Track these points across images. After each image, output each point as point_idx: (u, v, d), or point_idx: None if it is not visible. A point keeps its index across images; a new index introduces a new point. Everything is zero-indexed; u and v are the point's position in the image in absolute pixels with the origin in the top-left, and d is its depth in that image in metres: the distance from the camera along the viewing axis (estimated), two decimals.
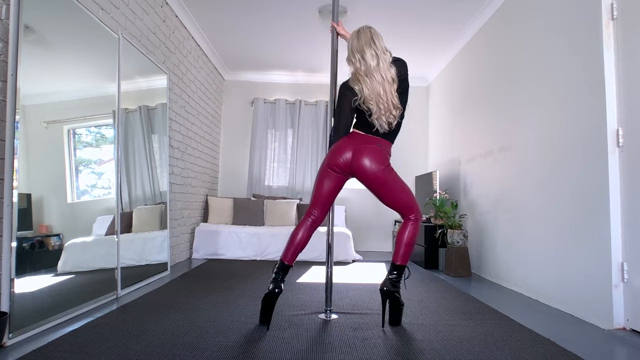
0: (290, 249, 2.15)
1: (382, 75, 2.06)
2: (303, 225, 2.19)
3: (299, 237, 2.17)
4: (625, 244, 2.17)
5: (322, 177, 2.17)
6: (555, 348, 1.83)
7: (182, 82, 4.18)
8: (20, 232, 1.87)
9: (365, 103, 2.08)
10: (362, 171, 2.10)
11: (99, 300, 2.45)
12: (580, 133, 2.45)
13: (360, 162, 2.09)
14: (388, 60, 2.10)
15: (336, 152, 2.14)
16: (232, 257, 4.53)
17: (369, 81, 2.06)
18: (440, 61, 5.15)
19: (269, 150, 5.80)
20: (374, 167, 2.09)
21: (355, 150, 2.10)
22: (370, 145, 2.11)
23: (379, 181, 2.11)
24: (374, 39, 2.11)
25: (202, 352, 1.70)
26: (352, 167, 2.11)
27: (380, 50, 2.09)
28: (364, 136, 2.14)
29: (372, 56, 2.07)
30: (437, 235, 4.08)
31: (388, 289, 2.11)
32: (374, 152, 2.11)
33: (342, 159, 2.11)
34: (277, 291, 2.05)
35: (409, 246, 2.16)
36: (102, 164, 2.64)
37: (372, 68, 2.06)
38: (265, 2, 3.85)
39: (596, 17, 2.33)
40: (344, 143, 2.15)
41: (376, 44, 2.10)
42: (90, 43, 2.48)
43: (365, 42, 2.10)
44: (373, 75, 2.06)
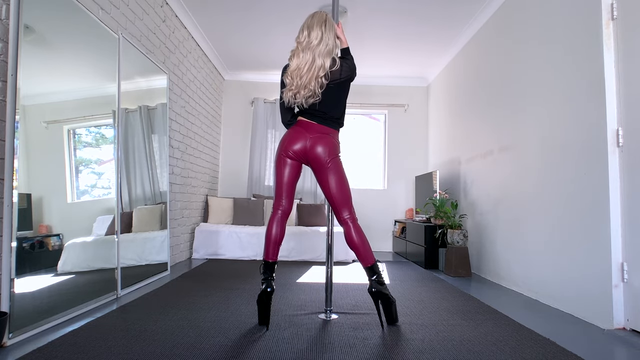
0: (269, 246, 2.16)
1: (315, 56, 2.09)
2: (275, 220, 2.20)
3: (274, 232, 2.18)
4: (625, 244, 2.17)
5: (280, 166, 2.21)
6: (555, 348, 1.83)
7: (182, 82, 4.18)
8: (20, 232, 1.87)
9: (286, 77, 2.15)
10: (317, 159, 2.16)
11: (99, 300, 2.45)
12: (580, 133, 2.45)
13: (315, 150, 2.15)
14: (329, 50, 2.13)
15: (291, 140, 2.18)
16: (232, 257, 4.53)
17: (301, 55, 2.11)
18: (440, 61, 5.15)
19: (269, 150, 5.80)
20: (326, 155, 2.15)
21: (312, 139, 2.16)
22: (324, 135, 2.17)
23: (328, 169, 2.16)
24: (326, 23, 2.16)
25: (202, 352, 1.70)
26: (308, 155, 2.17)
27: (326, 36, 2.12)
28: (317, 126, 2.18)
29: (316, 36, 2.11)
30: (437, 235, 4.08)
31: (377, 289, 2.11)
32: (328, 142, 2.17)
33: (297, 146, 2.17)
34: (269, 290, 2.06)
35: (365, 244, 2.16)
36: (102, 164, 2.64)
37: (310, 45, 2.11)
38: (266, 2, 3.85)
39: (596, 17, 2.33)
40: (298, 132, 2.19)
41: (325, 28, 2.14)
42: (90, 43, 2.48)
43: (317, 22, 2.15)
44: (307, 52, 2.10)
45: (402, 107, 5.97)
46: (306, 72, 2.09)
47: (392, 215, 5.82)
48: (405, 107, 5.96)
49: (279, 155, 2.21)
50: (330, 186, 2.18)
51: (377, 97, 5.92)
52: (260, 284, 2.12)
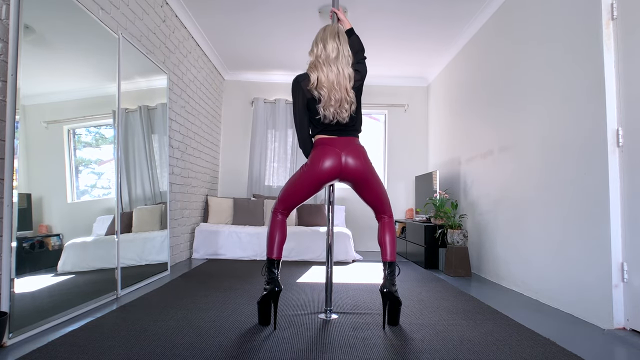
0: (274, 245, 2.15)
1: (339, 68, 2.08)
2: (277, 223, 2.18)
3: (279, 232, 2.17)
4: (625, 244, 2.17)
5: (306, 183, 2.15)
6: (555, 348, 1.83)
7: (182, 82, 4.18)
8: (20, 232, 1.87)
9: (318, 89, 2.09)
10: (354, 173, 2.12)
11: (99, 300, 2.45)
12: (580, 133, 2.45)
13: (352, 165, 2.11)
14: (348, 60, 2.12)
15: (325, 162, 2.11)
16: (232, 257, 4.53)
17: (325, 69, 2.08)
18: (440, 61, 5.15)
19: (269, 150, 5.80)
20: (365, 167, 2.13)
21: (346, 155, 2.11)
22: (354, 147, 2.14)
23: (369, 179, 2.16)
24: (339, 35, 2.15)
25: (202, 352, 1.70)
26: (343, 172, 2.12)
27: (342, 47, 2.12)
28: (343, 139, 2.14)
29: (333, 48, 2.10)
30: (437, 235, 4.08)
31: (388, 289, 2.10)
32: (360, 153, 2.15)
33: (333, 165, 2.10)
34: (277, 290, 2.05)
35: (394, 242, 2.22)
36: (102, 164, 2.64)
37: (331, 59, 2.09)
38: (266, 2, 3.85)
39: (596, 17, 2.33)
40: (329, 152, 2.11)
41: (339, 40, 2.13)
42: (90, 43, 2.48)
43: (330, 34, 2.14)
44: (330, 65, 2.09)
45: (402, 107, 5.97)
46: (337, 84, 2.07)
47: None
48: (405, 107, 5.96)
49: (310, 171, 2.12)
50: (374, 195, 2.20)
51: (377, 97, 5.92)
52: (265, 284, 2.09)
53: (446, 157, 4.97)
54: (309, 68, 2.15)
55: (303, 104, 2.16)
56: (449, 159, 4.84)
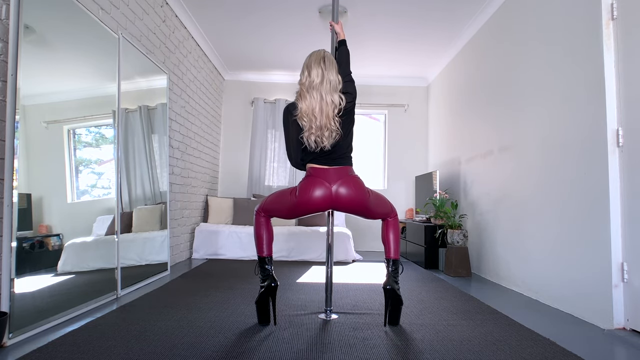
0: (262, 243, 2.16)
1: (322, 94, 2.05)
2: (261, 222, 2.18)
3: (266, 231, 2.17)
4: (625, 244, 2.17)
5: (293, 210, 2.12)
6: (555, 348, 1.83)
7: (182, 82, 4.18)
8: (20, 232, 1.87)
9: (300, 119, 2.08)
10: (347, 203, 2.10)
11: (99, 300, 2.45)
12: (580, 133, 2.45)
13: (343, 196, 2.08)
14: (334, 86, 2.08)
15: (311, 193, 2.07)
16: (232, 257, 4.53)
17: (308, 97, 2.06)
18: (440, 61, 5.15)
19: (269, 150, 5.80)
20: (360, 198, 2.10)
21: (338, 186, 2.07)
22: (346, 177, 2.10)
23: (364, 207, 2.14)
24: (325, 60, 2.11)
25: (202, 352, 1.70)
26: (335, 202, 2.09)
27: (327, 72, 2.08)
28: (334, 170, 2.10)
29: (317, 74, 2.07)
30: (437, 235, 4.08)
31: (392, 287, 2.11)
32: (355, 184, 2.10)
33: (323, 198, 2.07)
34: (273, 285, 2.07)
35: (398, 239, 2.23)
36: (102, 164, 2.64)
37: (313, 85, 2.06)
38: (266, 2, 3.85)
39: (596, 17, 2.33)
40: (317, 184, 2.08)
41: (325, 65, 2.09)
42: (90, 43, 2.48)
43: (315, 60, 2.11)
44: (312, 92, 2.06)
45: (402, 107, 5.97)
46: (319, 112, 2.04)
47: None
48: (405, 107, 5.96)
49: (300, 202, 2.09)
50: (375, 214, 2.20)
51: (377, 97, 5.92)
52: (261, 282, 2.10)
53: (446, 157, 4.97)
54: (296, 97, 2.14)
55: (295, 132, 2.14)
56: (449, 159, 4.84)
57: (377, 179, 6.05)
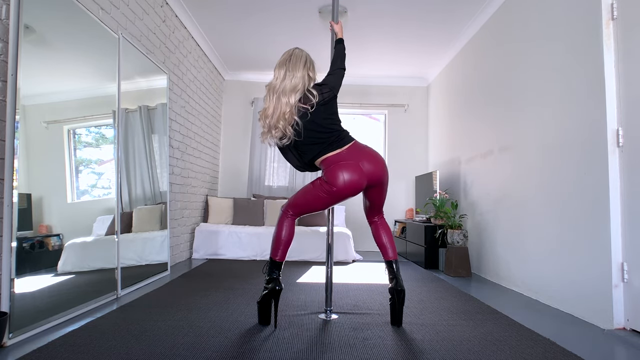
0: (279, 246, 2.12)
1: (279, 94, 2.10)
2: (285, 221, 2.15)
3: (285, 233, 2.14)
4: (625, 244, 2.17)
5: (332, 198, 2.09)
6: (555, 348, 1.83)
7: (182, 82, 4.18)
8: (20, 232, 1.87)
9: (259, 119, 2.20)
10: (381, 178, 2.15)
11: (99, 300, 2.45)
12: (580, 133, 2.45)
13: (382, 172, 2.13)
14: (295, 85, 2.10)
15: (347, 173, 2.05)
16: (232, 257, 4.53)
17: (267, 98, 2.16)
18: (440, 61, 5.15)
19: (269, 150, 5.80)
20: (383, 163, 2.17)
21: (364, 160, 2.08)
22: (364, 148, 2.15)
23: (386, 177, 2.19)
24: (291, 59, 2.16)
25: (202, 352, 1.70)
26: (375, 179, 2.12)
27: (290, 73, 2.11)
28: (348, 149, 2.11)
29: (276, 77, 2.15)
30: (437, 235, 4.08)
31: (402, 288, 2.13)
32: (375, 153, 2.17)
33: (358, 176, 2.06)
34: (277, 288, 2.05)
35: (393, 239, 2.33)
36: (102, 164, 2.64)
37: (272, 86, 2.15)
38: (266, 2, 3.85)
39: (596, 17, 2.33)
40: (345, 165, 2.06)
41: (289, 65, 2.14)
42: (90, 43, 2.48)
43: (280, 62, 2.18)
44: (272, 93, 2.13)
45: (402, 107, 5.97)
46: (272, 111, 2.10)
47: (392, 215, 5.82)
48: (405, 107, 5.96)
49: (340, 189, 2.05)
50: (382, 197, 2.25)
51: (377, 97, 5.92)
52: (265, 283, 2.09)
53: (446, 157, 4.97)
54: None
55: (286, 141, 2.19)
56: (449, 159, 4.84)
57: None
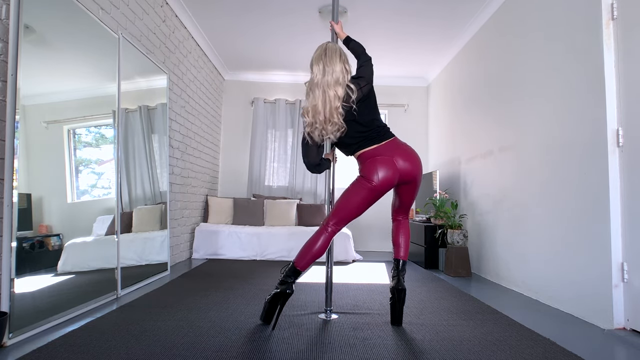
0: (306, 256, 2.07)
1: (324, 89, 2.07)
2: (322, 235, 2.09)
3: (318, 246, 2.07)
4: (625, 244, 2.17)
5: (365, 195, 2.08)
6: (555, 348, 1.83)
7: (182, 82, 4.18)
8: (20, 232, 1.87)
9: (302, 115, 2.15)
10: (416, 174, 2.14)
11: (99, 300, 2.45)
12: (580, 133, 2.45)
13: (408, 164, 2.10)
14: (337, 78, 2.08)
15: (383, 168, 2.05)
16: (232, 257, 4.53)
17: (311, 95, 2.12)
18: (440, 61, 5.15)
19: (269, 150, 5.80)
20: (419, 162, 2.16)
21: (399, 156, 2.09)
22: (401, 145, 2.15)
23: (419, 177, 2.18)
24: (326, 52, 2.14)
25: (202, 352, 1.70)
26: (409, 174, 2.11)
27: (329, 67, 2.09)
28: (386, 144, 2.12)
29: (318, 71, 2.11)
30: (437, 235, 4.08)
31: (403, 287, 2.14)
32: (411, 150, 2.17)
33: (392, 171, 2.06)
34: (288, 292, 2.04)
35: (409, 241, 2.30)
36: (102, 164, 2.64)
37: (314, 82, 2.11)
38: (266, 2, 3.85)
39: (596, 17, 2.33)
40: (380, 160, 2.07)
41: (326, 59, 2.11)
42: (90, 43, 2.48)
43: (316, 57, 2.15)
44: (315, 89, 2.10)
45: (402, 107, 5.96)
46: (322, 107, 2.06)
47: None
48: (405, 107, 5.95)
49: (368, 183, 2.06)
50: (413, 196, 2.24)
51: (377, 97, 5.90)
52: (278, 284, 2.06)
53: (446, 157, 4.97)
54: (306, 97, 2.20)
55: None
56: (449, 159, 4.84)
57: None
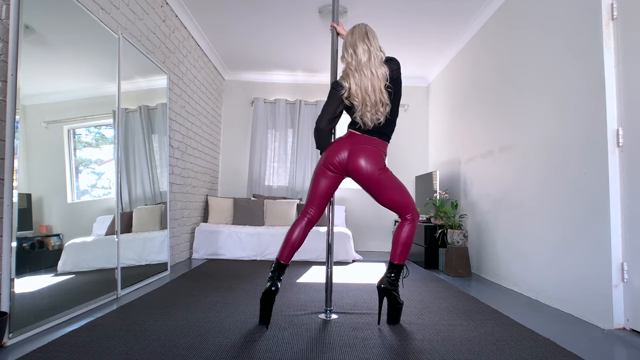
0: (286, 248, 2.15)
1: (372, 70, 2.06)
2: (299, 225, 2.19)
3: (295, 236, 2.16)
4: (625, 244, 2.17)
5: (318, 176, 2.18)
6: (555, 348, 1.83)
7: (182, 82, 4.18)
8: (20, 232, 1.87)
9: (350, 99, 2.09)
10: (357, 172, 2.11)
11: (99, 300, 2.45)
12: (580, 133, 2.45)
13: (356, 162, 2.09)
14: (380, 58, 2.11)
15: (332, 151, 2.14)
16: (232, 257, 4.53)
17: (357, 76, 2.07)
18: (440, 61, 5.15)
19: (269, 150, 5.80)
20: (370, 168, 2.09)
21: (352, 150, 2.11)
22: (366, 145, 2.12)
23: (374, 182, 2.12)
24: (368, 35, 2.13)
25: (202, 352, 1.70)
26: (348, 167, 2.12)
27: (373, 47, 2.10)
28: (360, 136, 2.14)
29: (363, 51, 2.08)
30: (437, 235, 4.08)
31: (385, 286, 2.13)
32: (370, 153, 2.10)
33: (337, 158, 2.12)
34: (273, 289, 2.06)
35: (406, 246, 2.16)
36: (102, 164, 2.64)
37: (362, 63, 2.07)
38: (266, 2, 3.85)
39: (596, 17, 2.33)
40: (341, 143, 2.15)
41: (369, 40, 2.11)
42: (90, 43, 2.48)
43: (359, 37, 2.12)
44: (363, 70, 2.07)
45: (402, 107, 5.96)
46: (372, 90, 2.04)
47: (392, 215, 5.82)
48: (405, 107, 5.95)
49: (320, 165, 2.17)
50: (383, 198, 2.17)
51: None
52: (266, 282, 2.11)
53: (446, 157, 4.97)
54: (342, 76, 2.14)
55: (336, 106, 2.16)
56: (449, 159, 4.84)
57: None
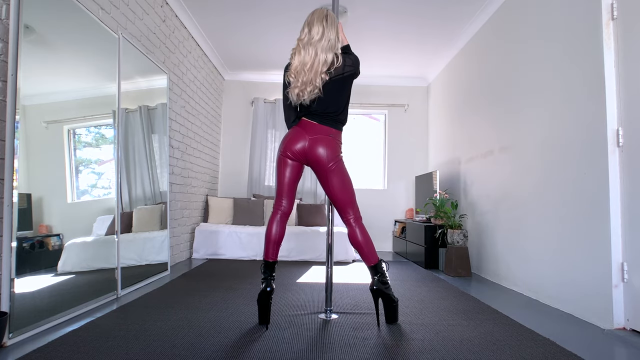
0: (269, 246, 2.16)
1: (318, 51, 2.07)
2: (274, 220, 2.20)
3: (274, 232, 2.17)
4: (625, 244, 2.17)
5: (281, 167, 2.19)
6: (555, 348, 1.83)
7: (182, 82, 4.18)
8: (20, 232, 1.87)
9: (289, 75, 2.13)
10: (316, 160, 2.14)
11: (99, 300, 2.45)
12: (580, 133, 2.45)
13: (315, 152, 2.12)
14: (332, 45, 2.10)
15: (291, 140, 2.16)
16: (232, 257, 4.53)
17: (303, 53, 2.09)
18: (440, 61, 5.15)
19: (269, 150, 5.80)
20: (327, 158, 2.12)
21: (311, 140, 2.13)
22: (324, 136, 2.14)
23: (328, 172, 2.14)
24: (327, 18, 2.14)
25: (202, 352, 1.70)
26: (308, 156, 2.14)
27: (328, 31, 2.10)
28: (317, 126, 2.15)
29: (317, 31, 2.09)
30: (437, 235, 4.08)
31: (377, 287, 2.14)
32: (328, 143, 2.14)
33: (297, 147, 2.14)
34: (268, 290, 2.07)
35: (368, 245, 2.17)
36: (102, 164, 2.64)
37: (312, 42, 2.09)
38: (266, 2, 3.85)
39: (596, 17, 2.33)
40: (298, 133, 2.16)
41: (327, 23, 2.11)
42: (90, 43, 2.48)
43: (317, 18, 2.13)
44: (309, 48, 2.08)
45: (402, 107, 5.96)
46: (309, 68, 2.06)
47: (392, 215, 5.82)
48: (405, 107, 5.96)
49: (279, 155, 2.20)
50: (332, 188, 2.16)
51: (377, 97, 5.92)
52: (261, 284, 2.13)
53: (446, 157, 4.97)
54: (291, 55, 2.16)
55: (291, 107, 2.22)
56: (449, 159, 4.84)
57: (377, 179, 6.05)
